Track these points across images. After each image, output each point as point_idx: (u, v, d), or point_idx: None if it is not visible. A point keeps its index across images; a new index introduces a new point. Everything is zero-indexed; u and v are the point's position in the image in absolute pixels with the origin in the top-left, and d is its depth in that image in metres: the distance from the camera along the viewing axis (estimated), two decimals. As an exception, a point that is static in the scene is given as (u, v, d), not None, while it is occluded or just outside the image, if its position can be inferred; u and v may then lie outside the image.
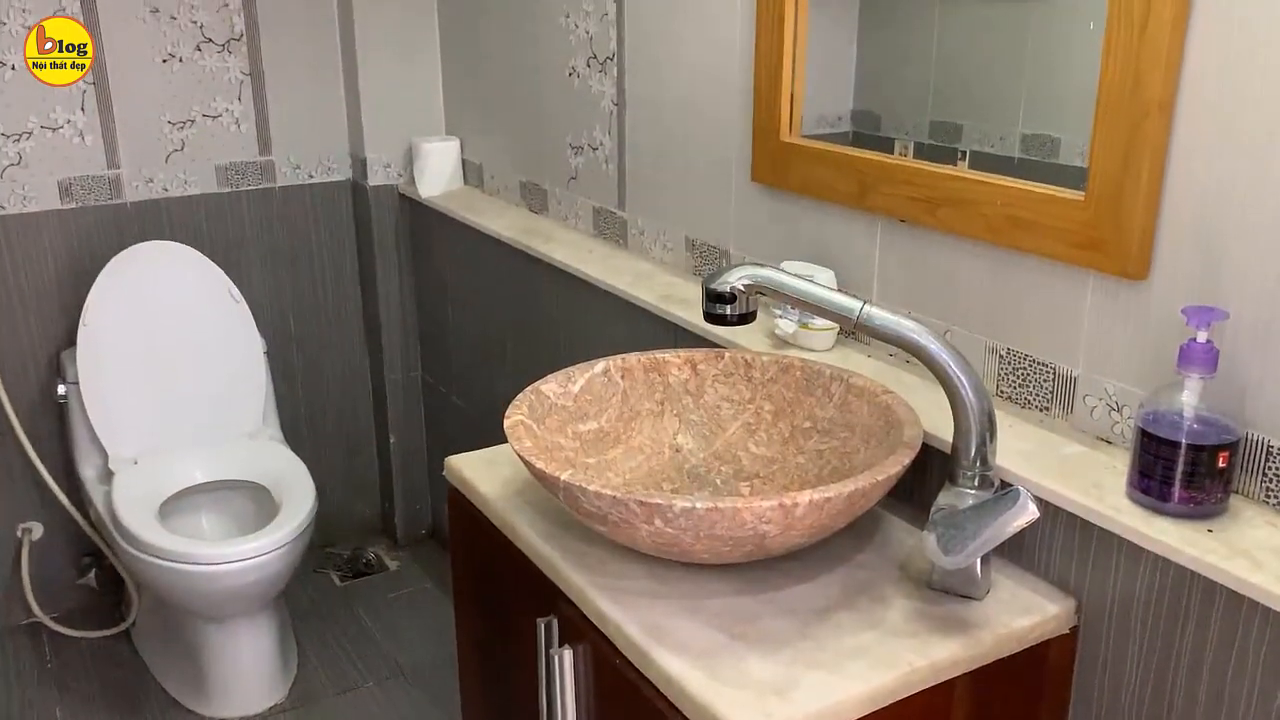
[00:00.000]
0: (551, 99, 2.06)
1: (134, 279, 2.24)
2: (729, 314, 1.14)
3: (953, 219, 1.23)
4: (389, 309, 2.60)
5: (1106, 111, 1.03)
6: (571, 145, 2.02)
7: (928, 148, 1.36)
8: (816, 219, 1.47)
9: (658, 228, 1.82)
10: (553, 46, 2.01)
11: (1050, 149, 1.24)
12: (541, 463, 1.06)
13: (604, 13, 1.85)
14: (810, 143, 1.46)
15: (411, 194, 2.46)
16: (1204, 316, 0.96)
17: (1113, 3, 1.01)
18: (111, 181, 2.31)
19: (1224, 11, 0.95)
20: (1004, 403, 1.23)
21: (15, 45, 2.14)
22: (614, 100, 1.87)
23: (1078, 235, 1.09)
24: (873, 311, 1.07)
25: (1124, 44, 1.01)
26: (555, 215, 2.13)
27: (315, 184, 2.53)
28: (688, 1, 1.65)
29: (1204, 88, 0.98)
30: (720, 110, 1.61)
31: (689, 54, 1.66)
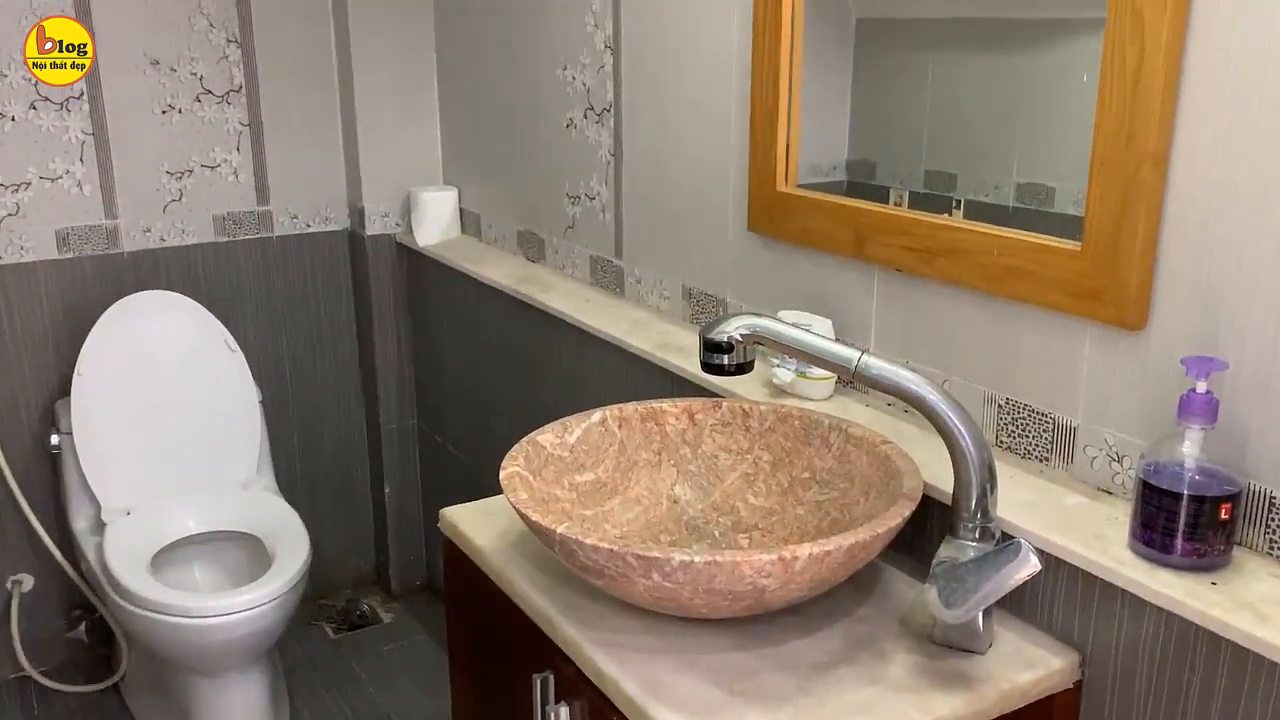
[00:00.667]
0: (549, 149, 2.07)
1: (130, 329, 2.23)
2: (726, 364, 1.14)
3: (949, 269, 1.23)
4: (385, 357, 2.60)
5: (1102, 163, 1.04)
6: (569, 195, 2.03)
7: (923, 196, 1.36)
8: (813, 268, 1.47)
9: (655, 276, 1.82)
10: (551, 98, 2.03)
11: (1045, 198, 1.24)
12: (537, 515, 1.05)
13: (601, 65, 1.86)
14: (806, 193, 1.46)
15: (409, 243, 2.47)
16: (1203, 367, 0.96)
17: (1106, 56, 1.02)
18: (109, 231, 2.31)
19: (1217, 65, 0.96)
20: (1004, 453, 1.23)
21: (14, 96, 2.16)
22: (611, 151, 1.88)
23: (1075, 285, 1.09)
24: (870, 361, 1.07)
25: (1118, 97, 1.01)
26: (552, 264, 2.13)
27: (313, 233, 2.54)
28: (684, 54, 1.66)
29: (1199, 140, 0.98)
30: (716, 161, 1.62)
31: (685, 105, 1.68)
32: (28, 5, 2.09)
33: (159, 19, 2.26)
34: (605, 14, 1.83)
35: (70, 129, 2.23)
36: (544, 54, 2.03)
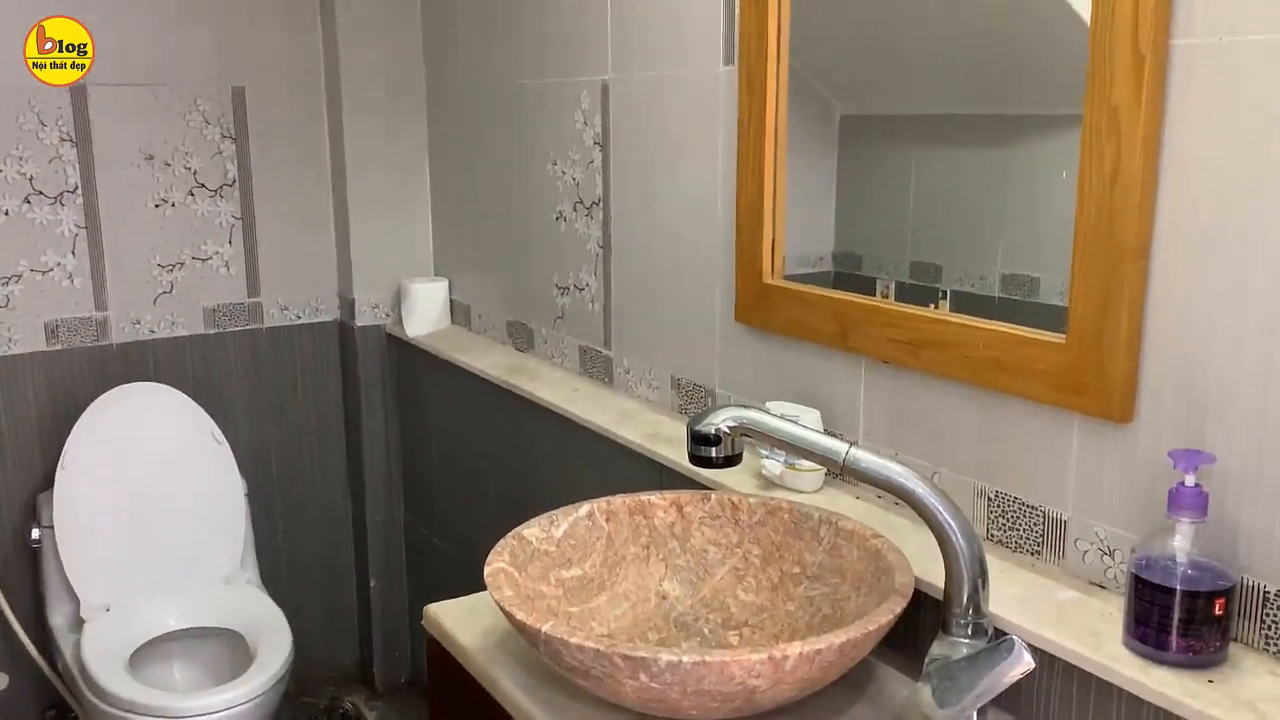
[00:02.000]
0: (539, 241, 2.09)
1: (116, 421, 2.22)
2: (714, 456, 1.14)
3: (936, 361, 1.24)
4: (373, 449, 2.58)
5: (1083, 259, 1.05)
6: (558, 286, 2.05)
7: (909, 287, 1.37)
8: (801, 359, 1.47)
9: (643, 367, 1.83)
10: (541, 192, 2.06)
11: (1030, 289, 1.25)
12: (522, 614, 1.03)
13: (590, 161, 1.89)
14: (792, 285, 1.47)
15: (399, 334, 2.47)
16: (1191, 460, 0.95)
17: (1084, 153, 1.04)
18: (98, 323, 2.32)
19: (1193, 162, 0.98)
20: (995, 546, 1.21)
21: (9, 191, 2.19)
22: (600, 243, 1.90)
23: (1061, 378, 1.09)
24: (859, 455, 1.06)
25: (1096, 194, 1.03)
26: (541, 354, 2.14)
27: (302, 324, 2.54)
28: (671, 150, 1.69)
29: (1178, 235, 1.00)
30: (704, 253, 1.64)
31: (673, 199, 1.70)
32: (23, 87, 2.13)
33: (156, 116, 2.30)
34: (594, 112, 1.86)
35: (63, 222, 2.25)
36: (535, 150, 2.06)
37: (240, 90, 2.38)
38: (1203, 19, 0.96)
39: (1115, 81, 1.00)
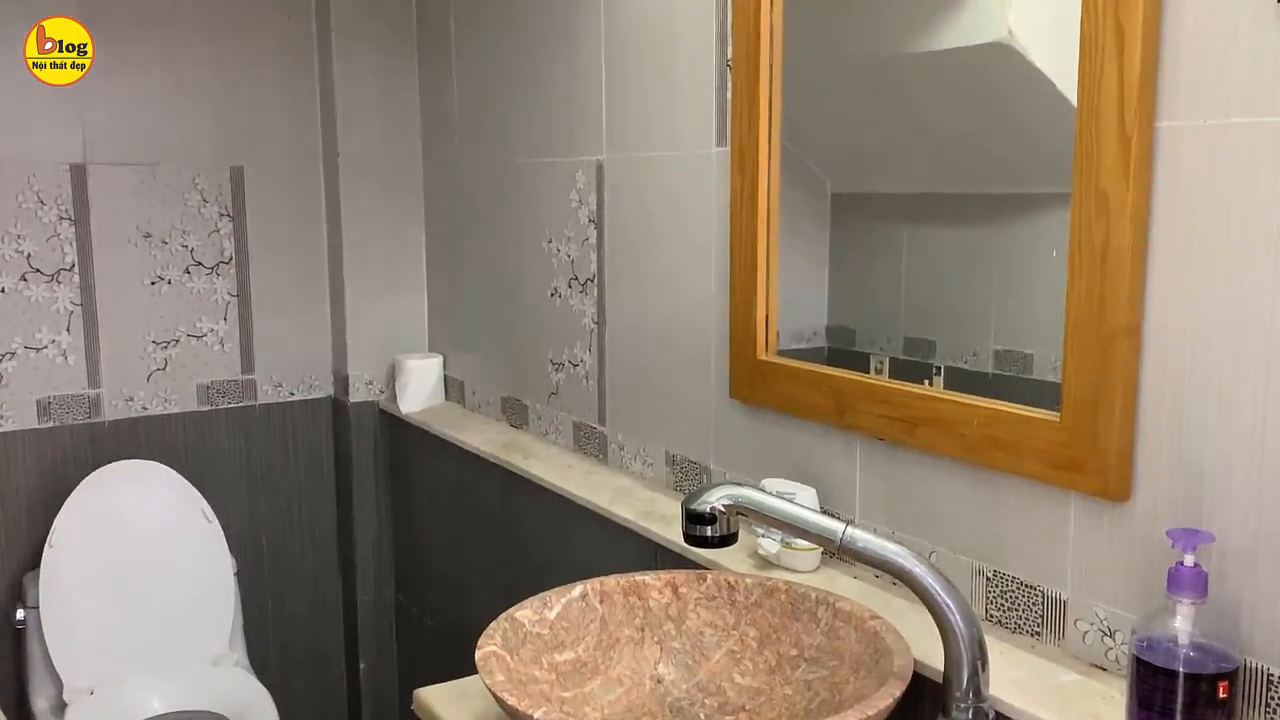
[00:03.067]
0: (534, 317, 2.10)
1: (106, 499, 2.20)
2: (710, 535, 1.12)
3: (931, 438, 1.24)
4: (364, 527, 2.56)
5: (1075, 337, 1.05)
6: (553, 362, 2.05)
7: (902, 363, 1.37)
8: (796, 436, 1.47)
9: (638, 443, 1.82)
10: (536, 268, 2.07)
11: (1023, 365, 1.25)
12: (514, 699, 1.01)
13: (585, 238, 1.91)
14: (786, 361, 1.47)
15: (392, 410, 2.47)
16: (1189, 540, 0.95)
17: (1074, 233, 1.05)
18: (91, 400, 2.31)
19: (1182, 240, 0.99)
20: (994, 627, 1.20)
21: (6, 268, 2.20)
22: (594, 319, 1.91)
23: (1056, 456, 1.09)
24: (855, 534, 1.05)
25: (1087, 272, 1.04)
26: (535, 430, 2.13)
27: (296, 401, 2.54)
28: (666, 227, 1.71)
29: (1169, 313, 1.00)
30: (698, 329, 1.64)
31: (667, 276, 1.71)
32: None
33: (154, 194, 2.32)
34: (589, 190, 1.89)
35: (59, 299, 2.25)
36: (530, 227, 2.08)
37: (239, 169, 2.41)
38: (1186, 102, 0.97)
39: (1103, 163, 1.01)
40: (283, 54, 2.43)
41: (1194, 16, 0.96)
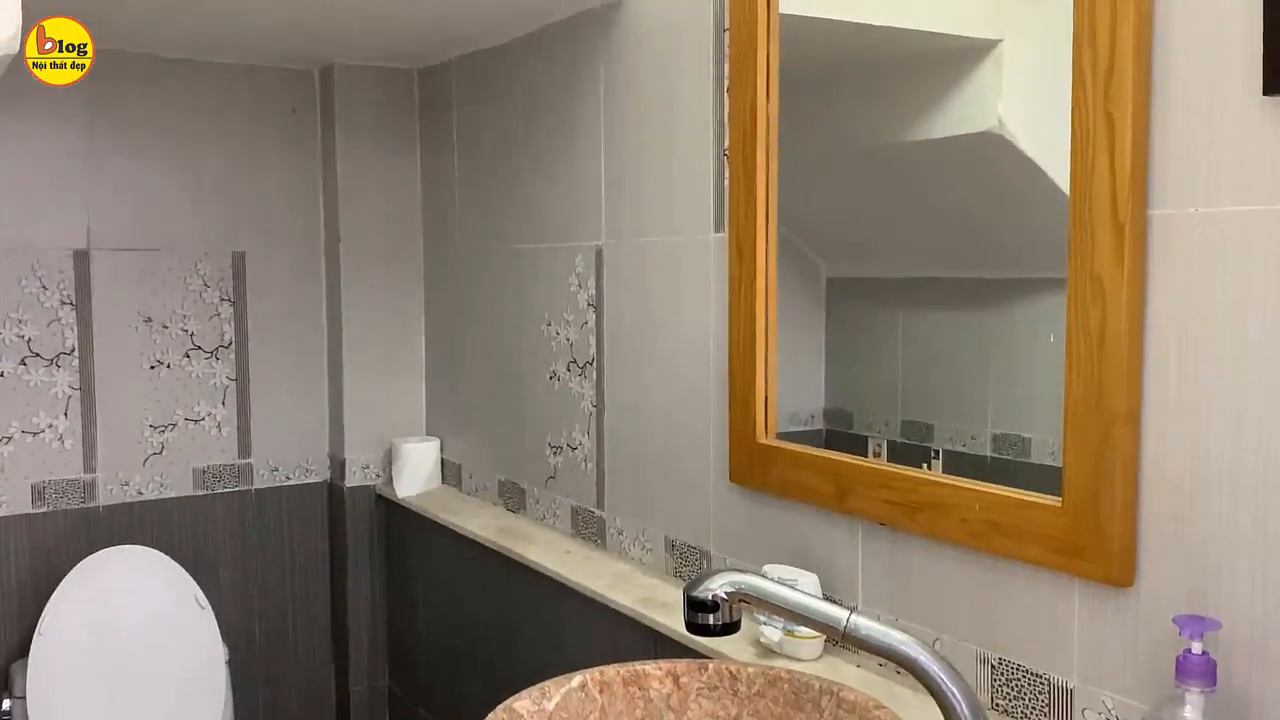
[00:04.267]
0: (532, 400, 2.10)
1: (98, 585, 2.17)
2: (712, 623, 1.11)
3: (933, 523, 1.23)
4: (358, 614, 2.52)
5: (1074, 422, 1.06)
6: (551, 445, 2.05)
7: (900, 446, 1.38)
8: (797, 521, 1.46)
9: (637, 528, 1.81)
10: (535, 351, 2.08)
11: (1021, 448, 1.26)
12: (515, 793, 0.98)
13: (584, 322, 1.92)
14: (786, 444, 1.47)
15: (389, 494, 2.45)
16: (1196, 627, 0.94)
17: (1070, 320, 1.06)
18: (86, 485, 2.29)
19: (1178, 327, 1.00)
20: (1000, 716, 1.18)
21: (5, 352, 2.20)
22: (593, 402, 1.91)
23: (1058, 541, 1.08)
24: (859, 622, 1.04)
25: (1084, 358, 1.05)
26: (533, 515, 2.12)
27: (292, 485, 2.52)
28: (664, 311, 1.72)
29: (1168, 398, 1.01)
30: (697, 412, 1.64)
31: (666, 359, 1.72)
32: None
33: (156, 279, 2.34)
34: (589, 275, 1.90)
35: (58, 384, 2.25)
36: (529, 311, 2.09)
37: (241, 254, 2.43)
38: (1177, 190, 0.99)
39: (1097, 250, 1.03)
40: (287, 143, 2.47)
41: (1182, 106, 0.99)
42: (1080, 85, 1.04)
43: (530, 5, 1.89)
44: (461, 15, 2.00)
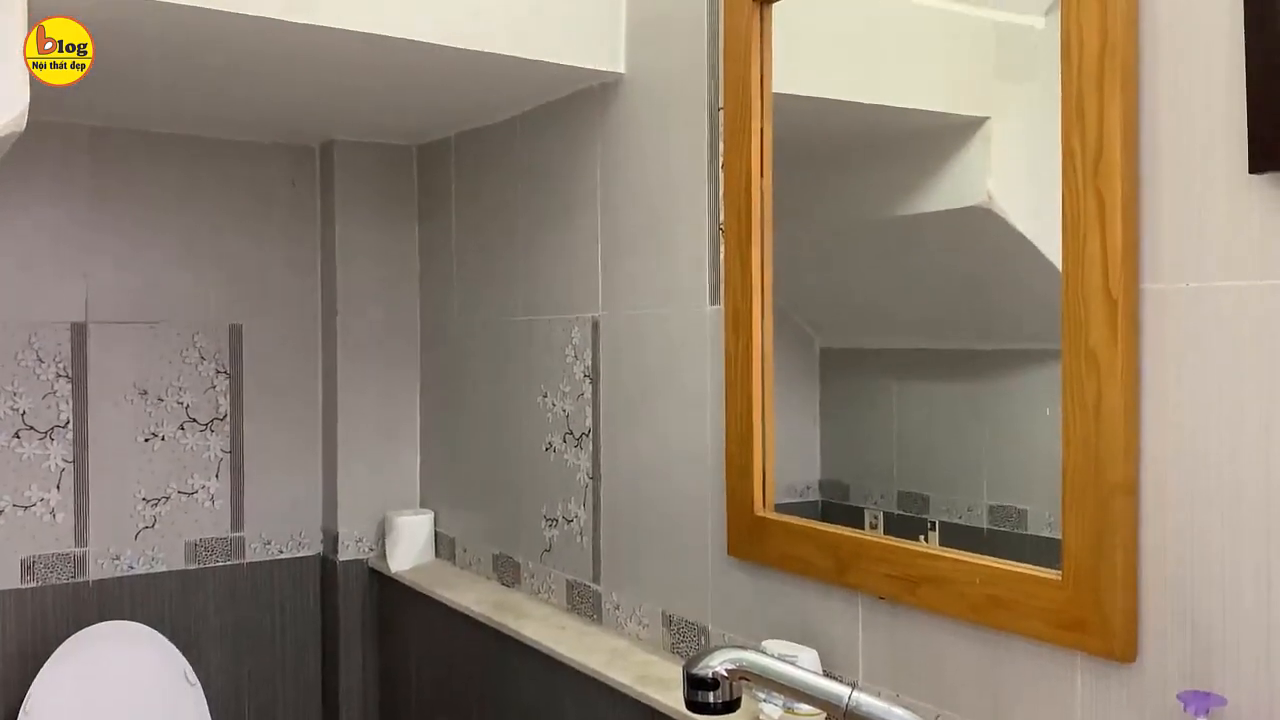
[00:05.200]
0: (527, 472, 2.10)
1: (85, 662, 2.14)
2: (713, 702, 1.10)
3: (933, 597, 1.22)
4: (349, 691, 2.48)
5: (1073, 495, 1.06)
6: (546, 517, 2.04)
7: (897, 518, 1.38)
8: (796, 596, 1.45)
9: (633, 603, 1.79)
10: (531, 423, 2.08)
11: (1018, 520, 1.26)
12: None
13: (580, 393, 1.93)
14: (784, 517, 1.47)
15: (381, 568, 2.43)
16: (1201, 703, 0.93)
17: (1066, 393, 1.07)
18: (77, 559, 2.27)
19: (1173, 400, 1.01)
20: (1006, 795, 1.16)
21: (1, 425, 2.19)
22: (589, 474, 1.91)
23: (1059, 615, 1.08)
24: (861, 699, 1.03)
25: (1081, 430, 1.05)
26: (528, 589, 2.10)
27: (284, 559, 2.50)
28: (661, 383, 1.73)
29: (1165, 470, 1.01)
30: (694, 484, 1.64)
31: (662, 430, 1.72)
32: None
33: (154, 352, 2.35)
34: (585, 347, 1.91)
35: (51, 457, 2.25)
36: (525, 382, 2.10)
37: (238, 327, 2.44)
38: (1169, 266, 1.01)
39: (1091, 324, 1.04)
40: (286, 217, 2.50)
41: (1170, 183, 1.01)
42: (1070, 163, 1.06)
43: (530, 86, 1.93)
44: (462, 96, 2.04)
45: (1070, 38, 1.06)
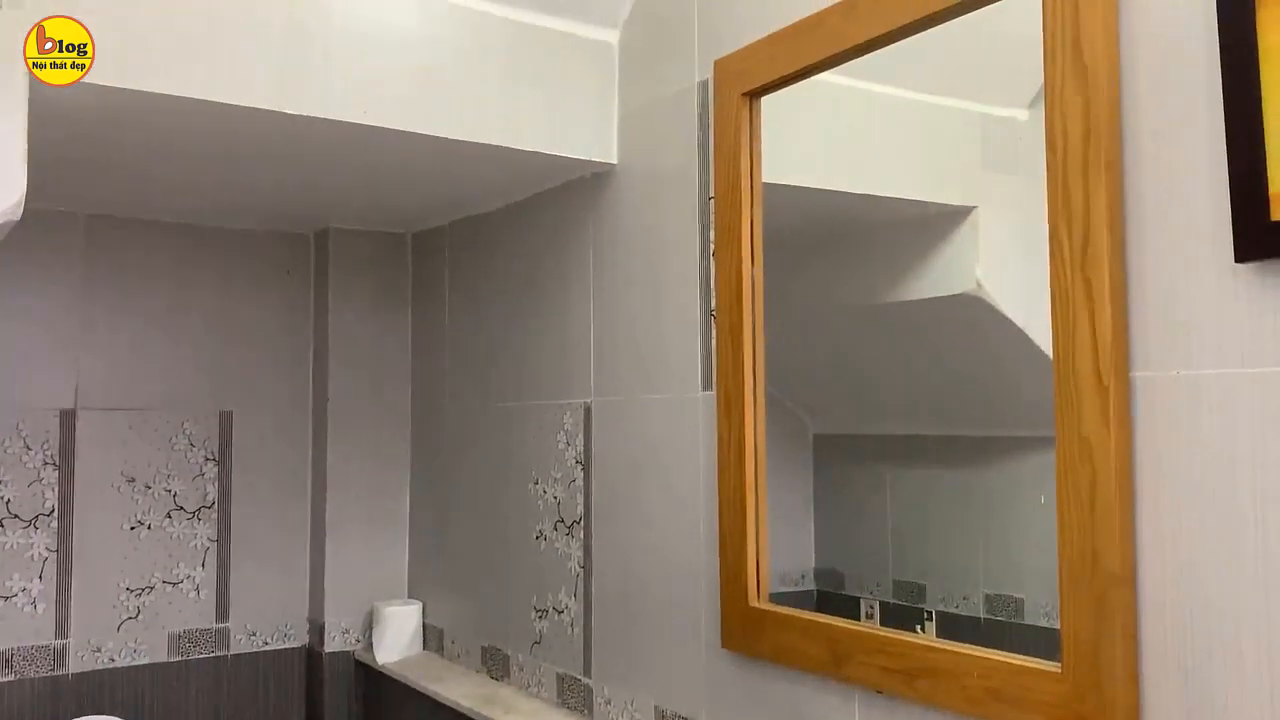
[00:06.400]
0: (517, 561, 2.07)
1: (61, 759, 2.08)
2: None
3: (931, 691, 1.20)
4: (335, 787, 2.41)
5: (1070, 586, 1.04)
6: (536, 608, 2.00)
7: (893, 607, 1.35)
8: (792, 689, 1.42)
9: (625, 696, 1.75)
10: (521, 511, 2.06)
11: (1014, 609, 1.24)
12: None
13: (572, 479, 1.91)
14: (779, 608, 1.44)
15: (368, 660, 2.38)
16: (1210, 801, 0.90)
17: (1060, 479, 1.06)
18: (57, 652, 2.22)
19: (1167, 487, 1.00)
20: None
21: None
22: (580, 563, 1.88)
23: (1061, 710, 1.05)
24: (859, 798, 1.00)
25: (1077, 520, 1.04)
26: (517, 682, 2.05)
27: (269, 651, 2.45)
28: (653, 470, 1.71)
29: (1162, 560, 1.00)
30: (687, 574, 1.62)
31: (655, 518, 1.70)
32: (13, 427, 2.15)
33: (143, 439, 2.33)
34: (577, 432, 1.91)
35: (35, 546, 2.21)
36: (517, 469, 2.08)
37: (228, 414, 2.43)
38: (1158, 353, 1.01)
39: (1083, 411, 1.03)
40: (280, 304, 2.51)
41: (1158, 272, 1.02)
42: (1058, 252, 1.07)
43: (524, 175, 1.96)
44: (457, 186, 2.06)
45: (1055, 129, 1.07)
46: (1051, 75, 1.08)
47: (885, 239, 1.46)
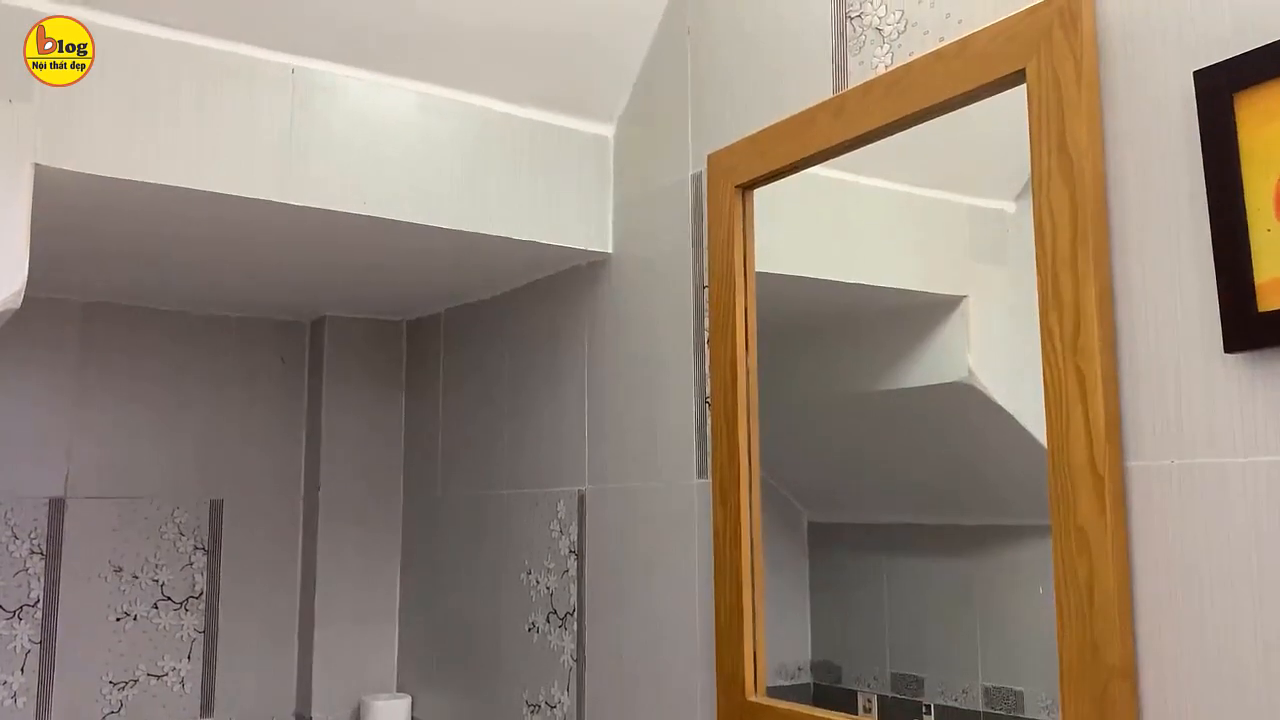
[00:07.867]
0: (509, 654, 2.03)
1: None
2: None
3: (932, 788, 1.17)
4: None
5: (1070, 680, 1.03)
6: (528, 703, 1.96)
7: (891, 701, 1.33)
8: (788, 785, 1.39)
9: (619, 794, 1.71)
10: (513, 602, 2.03)
11: (1014, 703, 1.22)
12: None
13: (565, 569, 1.89)
14: (777, 702, 1.42)
15: (357, 755, 2.32)
16: None
17: (1058, 571, 1.05)
18: (35, 748, 2.17)
19: (1165, 578, 0.99)
20: None
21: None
22: (573, 656, 1.85)
23: (1066, 808, 1.03)
24: None
25: (1075, 612, 1.03)
26: (509, 779, 2.00)
27: (254, 746, 2.39)
28: (648, 559, 1.70)
29: (1163, 651, 0.99)
30: (682, 667, 1.59)
31: (649, 609, 1.68)
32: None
33: (132, 528, 2.30)
34: (570, 521, 1.89)
35: (18, 638, 2.17)
36: (509, 559, 2.06)
37: (219, 502, 2.41)
38: (1151, 442, 1.01)
39: (1079, 502, 1.03)
40: (273, 392, 2.50)
41: (1149, 363, 1.02)
42: (1049, 342, 1.08)
43: (519, 264, 1.98)
44: (452, 274, 2.08)
45: (1043, 222, 1.09)
46: (1038, 170, 1.10)
47: (878, 328, 1.47)
